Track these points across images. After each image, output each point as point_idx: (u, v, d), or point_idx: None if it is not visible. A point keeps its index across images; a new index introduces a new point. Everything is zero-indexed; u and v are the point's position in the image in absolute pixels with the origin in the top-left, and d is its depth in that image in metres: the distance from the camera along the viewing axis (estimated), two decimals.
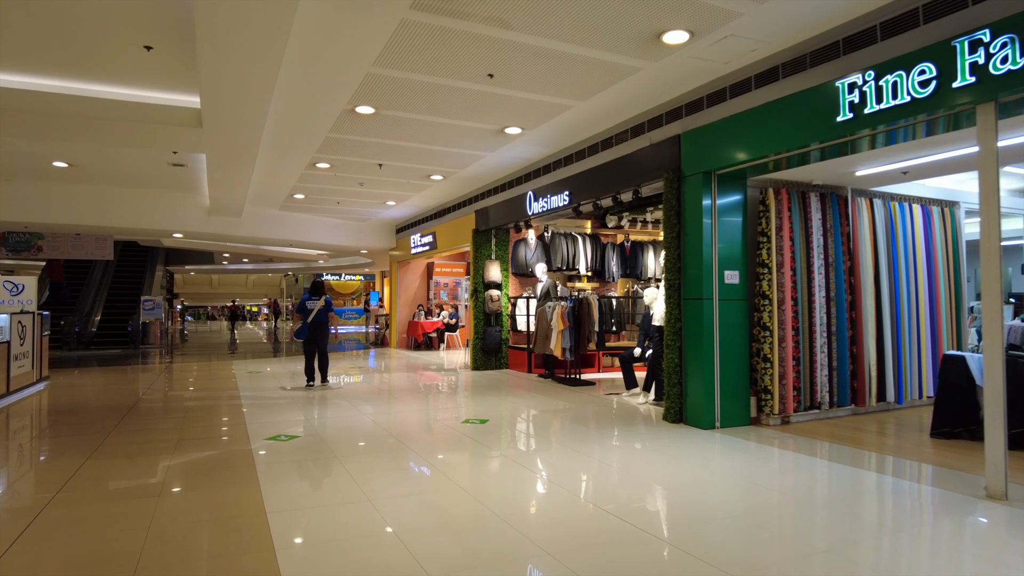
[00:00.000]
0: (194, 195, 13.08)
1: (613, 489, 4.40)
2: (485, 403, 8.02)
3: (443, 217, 13.78)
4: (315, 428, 6.42)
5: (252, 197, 12.92)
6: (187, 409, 7.58)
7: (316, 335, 9.46)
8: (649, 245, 12.66)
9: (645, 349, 8.28)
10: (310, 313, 9.49)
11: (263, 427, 6.47)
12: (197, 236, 15.24)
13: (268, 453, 5.36)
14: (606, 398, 8.35)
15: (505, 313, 11.72)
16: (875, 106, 4.74)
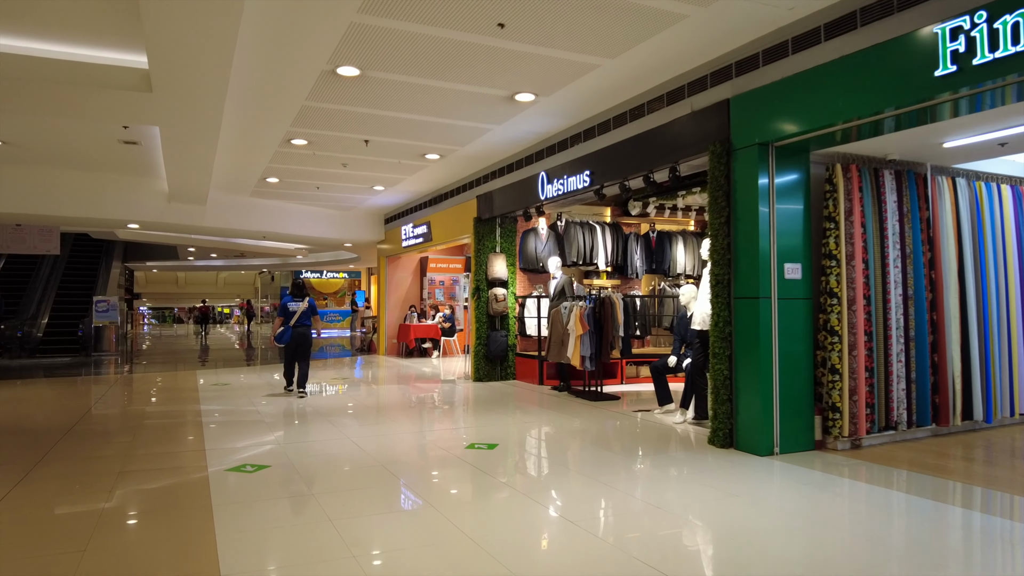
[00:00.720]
0: (151, 179, 12.54)
1: (655, 536, 3.84)
2: (491, 423, 7.49)
3: (439, 204, 13.25)
4: (288, 455, 5.87)
5: (218, 181, 12.40)
6: (138, 430, 7.03)
7: (299, 340, 9.52)
8: (678, 236, 12.13)
9: (682, 357, 7.74)
10: (292, 316, 9.50)
11: (226, 454, 5.92)
12: (156, 227, 14.71)
13: (229, 489, 4.80)
14: (635, 416, 7.82)
15: (512, 315, 11.19)
16: (987, 55, 4.18)
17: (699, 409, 7.26)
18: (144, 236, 17.65)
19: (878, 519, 4.20)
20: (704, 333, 7.02)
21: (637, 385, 10.55)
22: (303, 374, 9.66)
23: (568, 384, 9.86)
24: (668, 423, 7.37)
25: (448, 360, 15.44)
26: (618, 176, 7.76)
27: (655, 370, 7.95)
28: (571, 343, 8.92)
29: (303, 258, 26.75)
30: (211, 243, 19.79)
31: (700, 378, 7.23)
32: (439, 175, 11.85)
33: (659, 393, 7.95)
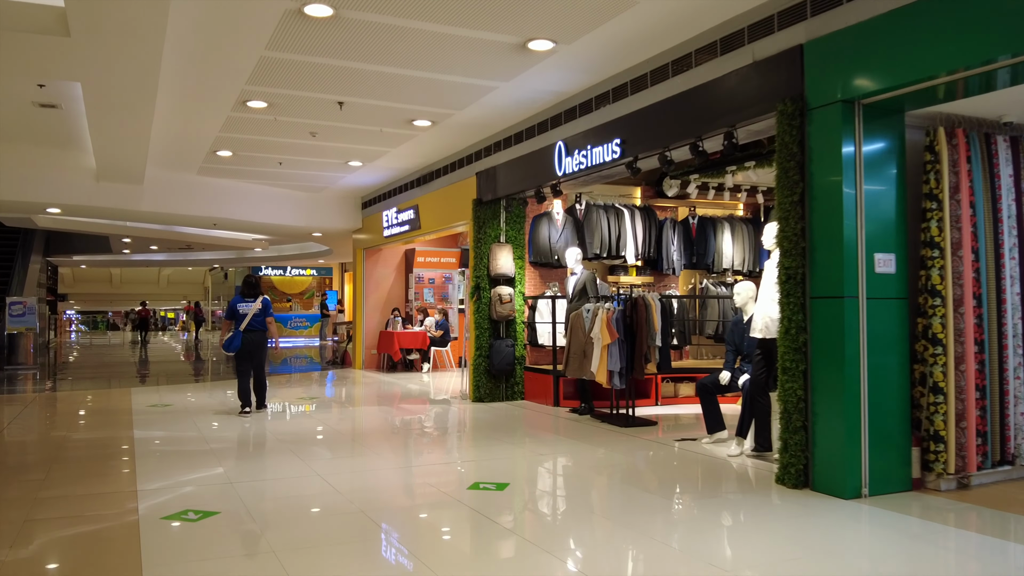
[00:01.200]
0: (75, 153, 12.21)
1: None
2: (497, 455, 7.14)
3: (429, 184, 12.92)
4: (242, 497, 5.51)
5: (158, 156, 12.10)
6: (54, 465, 6.68)
7: (251, 347, 9.59)
8: (724, 223, 11.81)
9: (737, 373, 7.39)
10: (243, 319, 9.52)
11: (163, 495, 5.57)
12: (82, 212, 14.41)
13: (165, 542, 4.44)
14: (678, 446, 7.46)
15: (520, 320, 10.85)
16: None
17: (760, 438, 6.91)
18: (69, 223, 17.34)
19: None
20: (768, 343, 6.67)
21: (675, 407, 10.20)
22: (261, 387, 9.78)
23: (590, 406, 9.51)
24: (720, 455, 7.02)
25: (440, 375, 15.11)
26: (656, 145, 7.41)
27: (703, 389, 7.59)
28: (596, 355, 8.56)
29: (263, 251, 26.60)
30: (151, 232, 19.51)
31: (762, 399, 6.88)
32: (430, 147, 11.50)
33: (708, 418, 7.59)
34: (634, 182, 11.72)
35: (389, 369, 16.01)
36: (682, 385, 10.48)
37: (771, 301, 6.59)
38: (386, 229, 14.87)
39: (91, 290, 51.45)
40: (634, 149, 7.72)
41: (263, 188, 15.27)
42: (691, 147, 6.98)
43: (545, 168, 9.25)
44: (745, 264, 11.91)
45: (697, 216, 11.77)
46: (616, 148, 7.89)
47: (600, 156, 8.14)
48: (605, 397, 9.94)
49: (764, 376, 6.85)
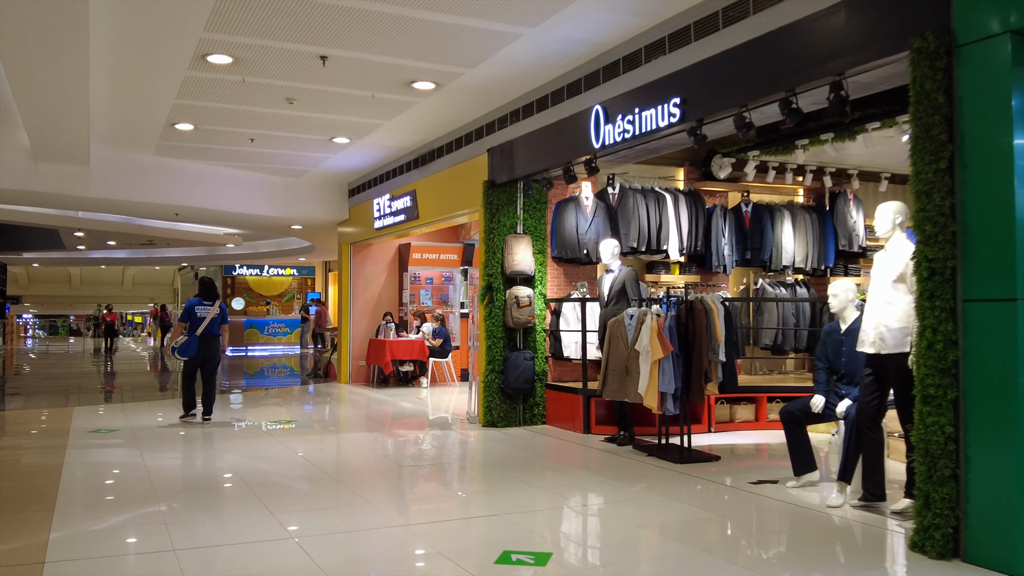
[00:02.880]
0: (5, 129, 10.99)
1: None
2: (527, 506, 5.98)
3: (430, 164, 11.75)
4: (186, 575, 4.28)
5: (105, 130, 11.01)
6: None
7: (206, 353, 9.82)
8: (783, 211, 10.68)
9: (832, 396, 6.21)
10: (200, 323, 9.71)
11: (82, 569, 4.34)
12: (18, 198, 13.26)
13: None
14: (754, 492, 6.27)
15: (540, 327, 9.66)
16: None
17: (871, 483, 5.70)
18: (7, 214, 16.11)
19: None
20: (882, 360, 5.51)
21: (732, 435, 8.99)
22: (210, 391, 10.02)
23: (631, 433, 8.32)
24: (815, 505, 5.85)
25: (440, 391, 13.96)
26: (730, 103, 6.22)
27: (789, 418, 6.38)
28: (643, 373, 7.36)
29: (236, 248, 25.51)
30: (105, 225, 18.37)
31: (873, 433, 5.68)
32: (432, 118, 10.32)
33: (795, 455, 6.40)
34: (676, 162, 10.55)
35: (380, 383, 14.85)
36: (739, 407, 9.28)
37: (886, 305, 5.51)
38: (377, 220, 13.71)
39: (48, 292, 50.39)
40: (698, 110, 6.52)
41: (232, 172, 14.18)
42: (781, 104, 5.77)
43: (577, 140, 8.06)
44: (809, 261, 10.74)
45: (751, 203, 10.58)
46: (675, 110, 6.69)
47: (652, 121, 6.95)
48: (647, 422, 8.78)
49: (876, 403, 5.66)
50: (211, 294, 9.94)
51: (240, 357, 25.00)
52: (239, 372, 19.81)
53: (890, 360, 5.49)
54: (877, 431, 5.70)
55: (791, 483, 6.40)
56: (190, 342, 9.58)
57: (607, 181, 9.85)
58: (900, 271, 5.43)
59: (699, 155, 10.49)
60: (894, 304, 5.46)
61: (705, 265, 10.32)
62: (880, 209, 5.66)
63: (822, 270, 10.96)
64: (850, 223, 10.99)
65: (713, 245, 10.20)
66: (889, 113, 7.76)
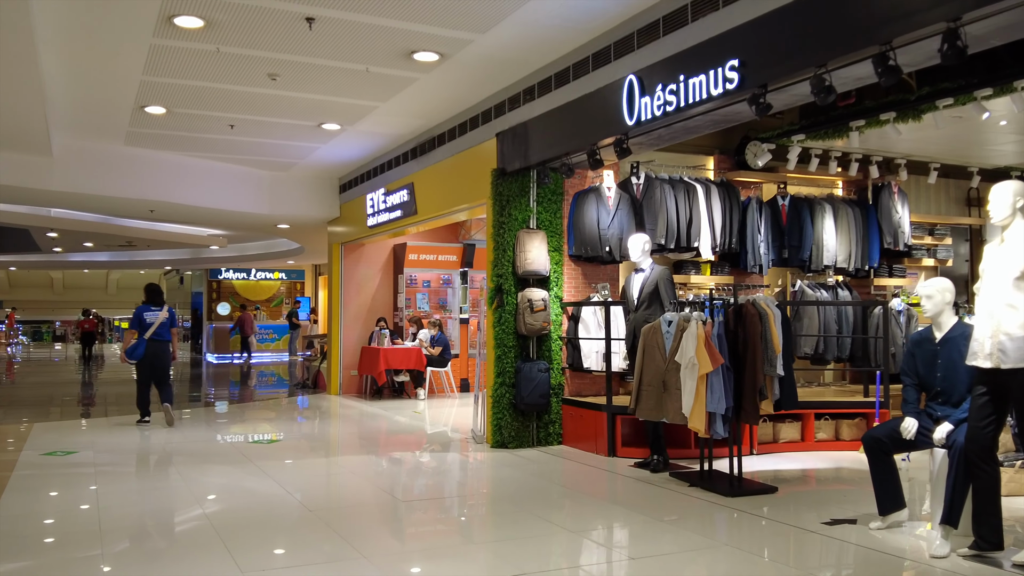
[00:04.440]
0: None
1: None
2: (546, 552, 4.92)
3: (431, 153, 10.69)
4: None
5: (66, 115, 9.98)
6: None
7: (153, 358, 10.00)
8: (824, 205, 9.69)
9: (924, 419, 5.15)
10: (148, 328, 9.90)
11: None
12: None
13: None
14: (832, 534, 5.24)
15: (557, 335, 8.57)
16: None
17: (985, 529, 4.60)
18: None
19: None
20: (1002, 376, 4.46)
21: (778, 457, 7.88)
22: (166, 393, 10.11)
23: (665, 457, 7.23)
24: (909, 551, 4.80)
25: (439, 403, 12.86)
26: (806, 62, 5.12)
27: (875, 445, 5.29)
28: (687, 389, 6.26)
29: (221, 250, 24.40)
30: (80, 225, 17.19)
31: (987, 466, 4.59)
32: (434, 98, 9.23)
33: (880, 490, 5.30)
34: (705, 150, 9.52)
35: (373, 395, 13.73)
36: (783, 426, 8.18)
37: (1007, 308, 4.50)
38: (370, 217, 12.61)
39: (31, 296, 49.29)
40: (763, 73, 5.42)
41: (212, 164, 13.07)
42: (876, 60, 4.66)
43: (605, 117, 6.97)
44: (852, 260, 9.70)
45: (788, 196, 9.51)
46: (732, 74, 5.59)
47: (702, 90, 5.84)
48: (680, 443, 7.71)
49: (992, 429, 4.60)
50: (158, 299, 10.23)
51: (226, 365, 23.87)
52: (224, 381, 18.69)
53: (1012, 376, 4.43)
54: (992, 464, 4.62)
55: (875, 524, 5.30)
56: (137, 345, 9.86)
57: (631, 170, 8.78)
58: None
59: (731, 142, 9.44)
60: (1018, 307, 4.42)
61: (739, 265, 9.26)
62: (997, 190, 4.60)
63: (865, 271, 9.92)
64: (895, 219, 9.93)
65: (748, 243, 9.14)
66: (966, 88, 6.71)
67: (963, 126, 8.10)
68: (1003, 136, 8.96)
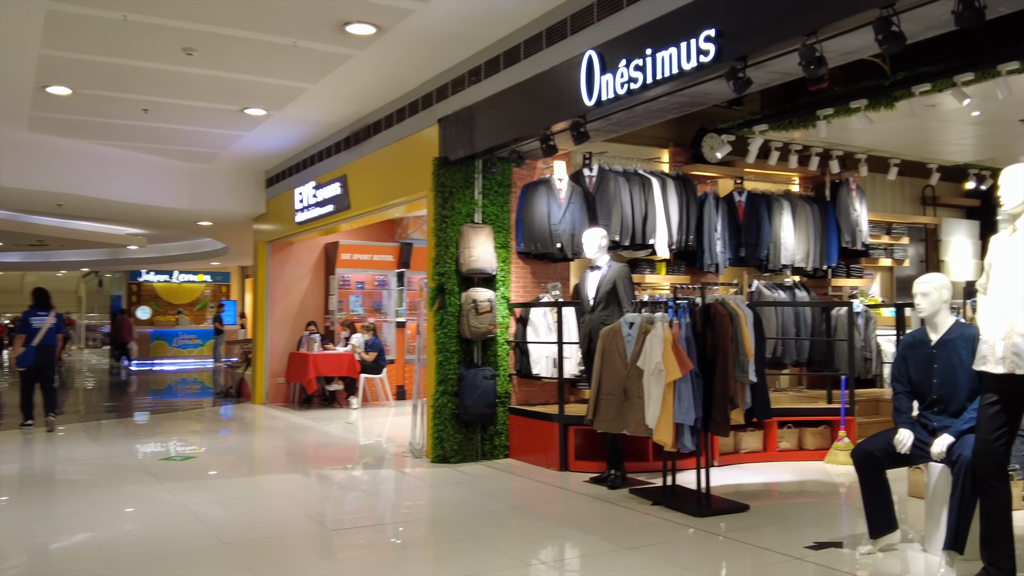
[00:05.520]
0: None
1: None
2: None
3: (366, 143, 9.98)
4: None
5: None
6: None
7: (41, 364, 10.08)
8: (782, 202, 9.29)
9: (919, 430, 4.65)
10: (36, 334, 9.96)
11: None
12: None
13: None
14: (820, 561, 4.71)
15: (503, 338, 7.94)
16: None
17: (996, 555, 4.09)
18: None
19: None
20: (1014, 382, 3.98)
21: (740, 469, 7.35)
22: (51, 399, 10.27)
23: (623, 472, 6.64)
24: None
25: (373, 412, 12.10)
26: (793, 30, 4.56)
27: (866, 460, 4.76)
28: (653, 397, 5.67)
29: (141, 250, 23.28)
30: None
31: (1000, 484, 4.10)
32: (370, 79, 8.50)
33: (871, 510, 4.77)
34: (659, 142, 9.04)
35: (302, 404, 12.88)
36: (745, 435, 7.66)
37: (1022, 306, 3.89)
38: (299, 213, 11.82)
39: None
40: (742, 44, 4.85)
41: (125, 154, 12.09)
42: (878, 25, 4.11)
43: (560, 99, 6.36)
44: (810, 260, 9.33)
45: (746, 192, 9.05)
46: (707, 45, 5.01)
47: (672, 64, 5.25)
48: (638, 455, 7.16)
49: (1004, 442, 4.10)
50: (45, 304, 10.32)
51: (146, 372, 22.64)
52: (144, 389, 17.58)
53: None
54: (1004, 481, 4.13)
55: (866, 548, 4.78)
56: (26, 354, 9.91)
57: (583, 161, 8.20)
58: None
59: (687, 134, 8.96)
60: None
61: (696, 263, 8.77)
62: (1009, 174, 4.13)
63: (823, 271, 9.55)
64: (853, 217, 9.60)
65: (705, 240, 8.67)
66: (946, 72, 6.29)
67: (926, 119, 7.74)
68: (965, 131, 8.64)
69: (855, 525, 5.45)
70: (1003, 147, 9.31)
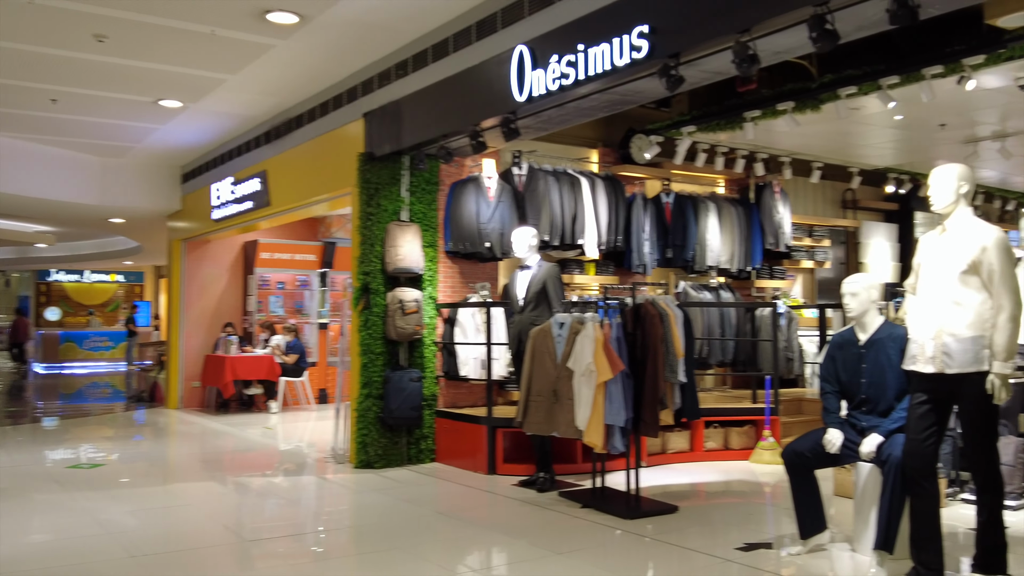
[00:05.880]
0: None
1: None
2: None
3: (287, 137, 9.65)
4: None
5: None
6: None
7: None
8: (708, 204, 9.36)
9: (848, 430, 4.67)
10: None
11: None
12: None
13: None
14: (751, 563, 4.68)
15: (431, 339, 7.74)
16: None
17: (925, 554, 4.10)
18: None
19: None
20: (945, 382, 4.02)
21: (667, 470, 7.32)
22: None
23: (551, 476, 6.54)
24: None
25: (294, 417, 11.72)
26: (726, 27, 4.51)
27: (796, 461, 4.74)
28: (583, 399, 5.58)
29: (50, 248, 22.40)
30: None
31: (930, 484, 4.13)
32: (292, 71, 8.20)
33: (801, 510, 4.76)
34: (587, 142, 8.98)
35: (219, 408, 12.41)
36: (672, 435, 7.64)
37: (952, 306, 4.04)
38: (216, 209, 11.38)
39: None
40: (675, 41, 4.79)
41: (32, 146, 11.49)
42: (812, 23, 4.09)
43: (490, 94, 6.21)
44: (735, 261, 9.39)
45: (673, 193, 9.07)
46: (640, 42, 4.94)
47: (605, 60, 5.17)
48: (566, 457, 7.07)
49: (933, 442, 4.13)
50: None
51: (54, 376, 21.66)
52: (53, 393, 16.78)
53: (958, 383, 3.97)
54: (933, 482, 4.16)
55: (796, 548, 4.76)
56: None
57: (513, 160, 8.08)
58: (972, 259, 3.93)
59: (615, 135, 8.94)
60: (964, 305, 3.97)
61: (624, 264, 8.73)
62: (937, 174, 4.14)
63: (747, 272, 9.62)
64: (776, 219, 9.71)
65: (634, 241, 8.64)
66: (872, 75, 6.37)
67: (849, 122, 7.86)
68: (885, 135, 8.82)
69: (783, 525, 5.45)
70: (922, 151, 9.55)
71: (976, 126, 8.19)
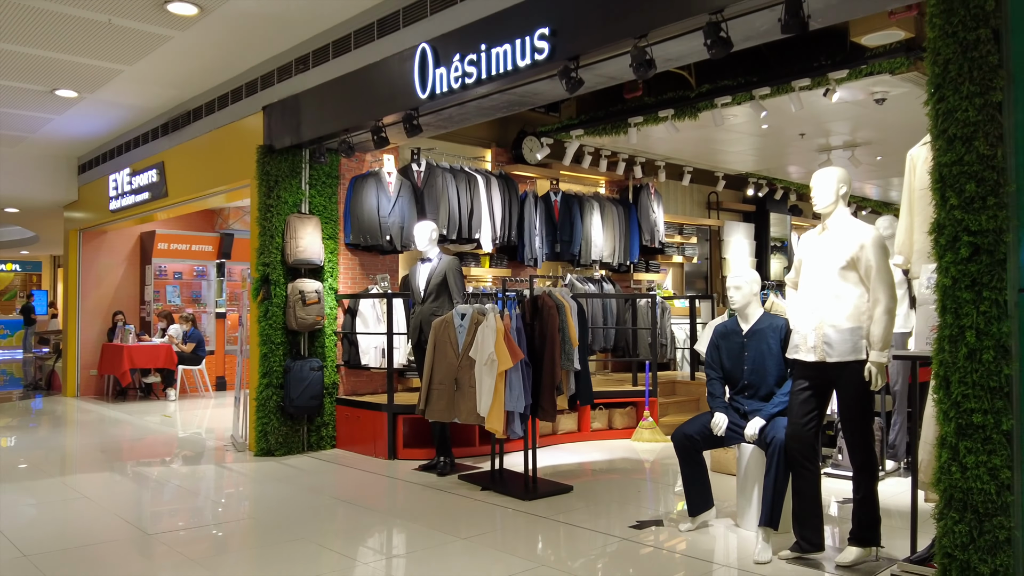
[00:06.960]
0: None
1: None
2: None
3: (186, 129, 8.92)
4: None
5: None
6: None
7: None
8: (592, 203, 9.19)
9: (732, 413, 4.55)
10: None
11: None
12: None
13: None
14: (643, 540, 4.51)
15: (331, 330, 7.28)
16: None
17: (808, 530, 4.03)
18: None
19: None
20: (827, 370, 3.94)
21: (557, 450, 7.15)
22: None
23: (451, 459, 6.24)
24: (728, 557, 4.18)
25: (192, 404, 10.94)
26: (625, 31, 4.29)
27: (685, 443, 4.60)
28: (485, 387, 5.28)
29: None
30: None
31: (811, 464, 4.05)
32: (191, 64, 7.51)
33: (690, 490, 4.63)
34: (482, 142, 8.66)
35: (116, 396, 11.49)
36: (562, 417, 7.46)
37: (832, 299, 3.97)
38: (113, 200, 10.49)
39: None
40: (575, 43, 4.54)
41: None
42: (707, 31, 3.91)
43: (393, 90, 5.82)
44: (616, 256, 9.28)
45: (560, 192, 8.88)
46: (542, 44, 4.66)
47: (507, 60, 4.87)
48: (466, 441, 6.77)
49: (814, 426, 4.05)
50: None
51: None
52: None
53: (838, 371, 3.90)
54: (814, 462, 4.08)
55: (685, 525, 4.62)
56: None
57: (412, 157, 7.68)
58: (851, 255, 3.85)
59: (508, 136, 8.67)
60: (843, 298, 3.89)
61: (517, 257, 8.48)
62: (819, 177, 4.05)
63: (626, 266, 9.55)
64: (652, 218, 9.68)
65: (526, 236, 8.40)
66: (745, 86, 6.31)
67: (716, 130, 7.82)
68: (747, 142, 8.88)
69: (670, 502, 5.33)
70: (779, 158, 9.67)
71: (830, 135, 8.30)
